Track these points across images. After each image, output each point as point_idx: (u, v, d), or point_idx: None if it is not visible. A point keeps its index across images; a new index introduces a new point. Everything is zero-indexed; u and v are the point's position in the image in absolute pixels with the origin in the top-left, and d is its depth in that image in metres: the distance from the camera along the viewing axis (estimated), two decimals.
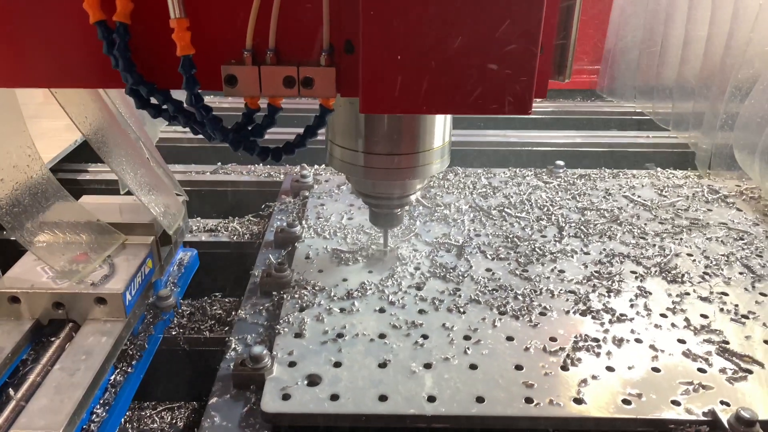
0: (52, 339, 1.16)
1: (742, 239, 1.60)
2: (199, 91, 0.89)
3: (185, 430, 1.41)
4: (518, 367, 1.14)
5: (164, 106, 0.93)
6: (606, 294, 1.36)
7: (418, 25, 0.81)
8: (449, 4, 0.80)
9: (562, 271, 1.45)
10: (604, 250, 1.54)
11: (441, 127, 1.19)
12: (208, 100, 2.64)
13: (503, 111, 0.86)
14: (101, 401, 1.10)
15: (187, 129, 0.96)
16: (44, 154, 2.17)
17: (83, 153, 2.19)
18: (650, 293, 1.37)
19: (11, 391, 1.03)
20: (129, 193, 1.52)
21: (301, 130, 1.00)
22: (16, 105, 1.20)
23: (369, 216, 1.42)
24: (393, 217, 1.39)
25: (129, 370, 1.18)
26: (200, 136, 0.97)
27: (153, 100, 0.93)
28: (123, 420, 1.35)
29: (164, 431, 1.40)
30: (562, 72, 0.90)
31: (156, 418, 1.45)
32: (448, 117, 1.21)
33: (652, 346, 1.20)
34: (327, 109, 0.96)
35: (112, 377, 1.16)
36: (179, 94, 0.92)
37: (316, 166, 2.09)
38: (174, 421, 1.44)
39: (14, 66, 0.92)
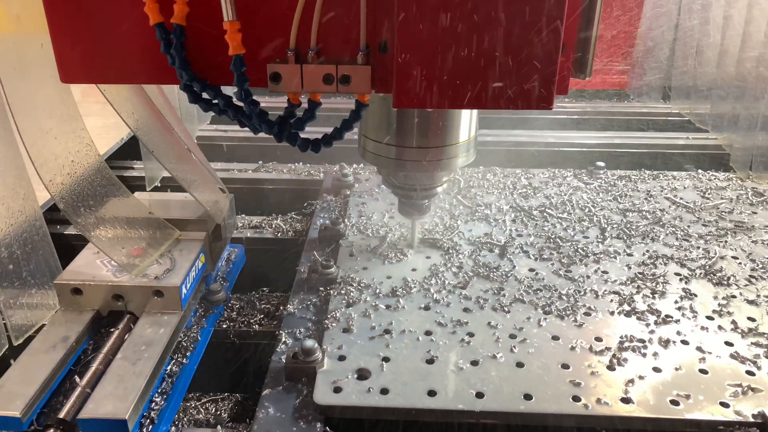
0: (112, 330, 1.20)
1: None
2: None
3: (230, 421, 1.45)
4: (564, 366, 1.15)
5: (215, 101, 1.01)
6: (650, 295, 1.37)
7: (447, 28, 0.87)
8: (476, 9, 0.86)
9: (605, 272, 1.45)
10: (647, 251, 1.54)
11: (467, 123, 1.26)
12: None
13: (527, 106, 0.93)
14: (159, 390, 1.14)
15: (227, 128, 1.03)
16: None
17: (125, 151, 2.26)
18: (695, 295, 1.37)
19: (77, 378, 1.07)
20: (173, 189, 1.57)
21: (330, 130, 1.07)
22: (72, 102, 1.24)
23: (398, 206, 1.49)
24: (420, 208, 1.45)
25: (184, 361, 1.22)
26: (240, 135, 1.03)
27: (205, 95, 1.01)
28: None
29: (210, 422, 1.43)
30: (583, 70, 0.96)
31: (201, 409, 1.48)
32: (474, 113, 1.28)
33: (699, 348, 1.20)
34: (362, 104, 1.03)
35: (169, 367, 1.19)
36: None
37: (354, 165, 2.12)
38: (218, 413, 1.48)
39: (86, 64, 1.01)
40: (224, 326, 1.39)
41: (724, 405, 1.06)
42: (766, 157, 2.02)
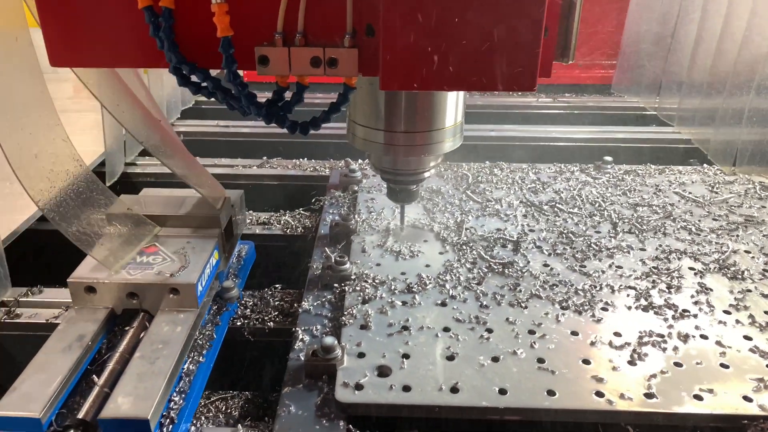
0: (126, 328, 1.18)
1: None
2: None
3: (240, 420, 1.43)
4: (585, 362, 1.15)
5: (204, 83, 1.02)
6: (666, 290, 1.36)
7: (431, 10, 0.89)
8: None
9: (619, 267, 1.45)
10: (660, 246, 1.54)
11: (453, 108, 1.28)
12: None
13: (511, 88, 0.95)
14: (177, 389, 1.12)
15: (227, 125, 1.03)
16: (95, 149, 2.20)
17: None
18: (711, 290, 1.37)
19: (95, 378, 1.06)
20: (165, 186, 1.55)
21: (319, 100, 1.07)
22: (52, 108, 1.16)
23: (387, 192, 1.50)
24: (409, 193, 1.46)
25: (200, 359, 1.21)
26: (241, 131, 1.03)
27: (194, 78, 1.02)
28: None
29: (229, 422, 1.42)
30: (565, 54, 0.98)
31: (211, 407, 1.47)
32: (461, 99, 1.29)
33: (718, 342, 1.20)
34: (350, 87, 1.05)
35: (186, 366, 1.18)
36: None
37: (360, 161, 2.10)
38: (228, 411, 1.46)
39: (75, 48, 1.01)
40: (238, 324, 1.38)
41: (747, 399, 1.06)
42: (749, 150, 2.02)
